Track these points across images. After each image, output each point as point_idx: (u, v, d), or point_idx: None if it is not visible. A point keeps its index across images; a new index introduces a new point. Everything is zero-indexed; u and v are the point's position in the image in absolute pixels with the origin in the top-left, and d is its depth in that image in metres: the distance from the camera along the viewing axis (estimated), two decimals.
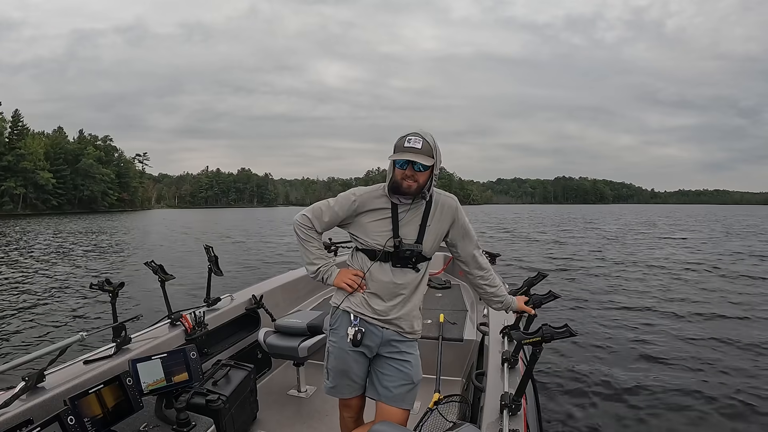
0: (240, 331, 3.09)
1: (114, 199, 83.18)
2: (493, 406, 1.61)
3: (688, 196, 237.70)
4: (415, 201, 1.69)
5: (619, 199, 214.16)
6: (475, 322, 3.38)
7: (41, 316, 6.83)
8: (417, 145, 1.56)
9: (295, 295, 3.87)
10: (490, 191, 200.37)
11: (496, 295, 1.87)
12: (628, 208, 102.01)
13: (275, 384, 3.09)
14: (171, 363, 1.87)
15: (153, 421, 1.82)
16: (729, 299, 7.72)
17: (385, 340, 1.74)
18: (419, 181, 1.60)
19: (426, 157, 1.57)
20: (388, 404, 1.73)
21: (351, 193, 1.73)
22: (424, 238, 1.69)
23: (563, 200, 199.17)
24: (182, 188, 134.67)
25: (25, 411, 1.63)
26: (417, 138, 1.57)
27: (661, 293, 8.26)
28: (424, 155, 1.56)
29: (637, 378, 4.33)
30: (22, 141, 67.59)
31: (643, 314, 6.74)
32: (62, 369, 1.94)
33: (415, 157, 1.55)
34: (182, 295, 6.97)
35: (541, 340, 1.46)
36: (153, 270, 2.46)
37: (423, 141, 1.57)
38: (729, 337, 5.47)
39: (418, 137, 1.58)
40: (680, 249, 15.98)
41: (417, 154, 1.56)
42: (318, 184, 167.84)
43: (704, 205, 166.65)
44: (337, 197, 1.76)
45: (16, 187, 64.30)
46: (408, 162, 1.57)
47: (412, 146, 1.56)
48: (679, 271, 10.66)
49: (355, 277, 1.72)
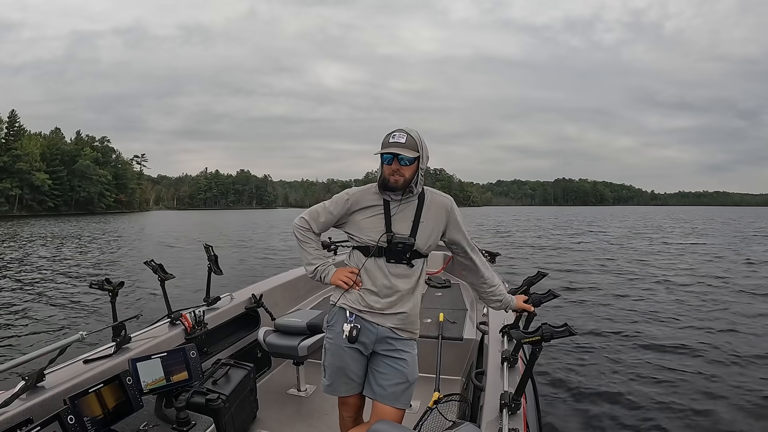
0: (240, 331, 3.09)
1: (111, 200, 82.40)
2: (492, 405, 1.61)
3: (689, 197, 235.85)
4: (404, 196, 1.73)
5: (619, 201, 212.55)
6: (474, 321, 3.38)
7: (41, 316, 6.84)
8: (401, 140, 1.64)
9: (294, 294, 3.88)
10: (490, 193, 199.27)
11: (495, 293, 1.88)
12: (630, 210, 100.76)
13: (275, 383, 3.09)
14: (171, 362, 1.87)
15: (153, 420, 1.82)
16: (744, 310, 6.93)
17: (380, 338, 1.74)
18: (405, 176, 1.65)
19: (410, 150, 1.64)
20: (383, 403, 1.74)
21: (345, 193, 1.80)
22: (418, 234, 1.71)
23: (563, 202, 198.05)
24: (181, 190, 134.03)
25: (25, 410, 1.64)
26: (401, 133, 1.65)
27: (673, 299, 7.93)
28: (408, 149, 1.63)
29: (637, 377, 4.33)
30: (18, 142, 67.00)
31: (644, 315, 6.75)
32: (62, 368, 1.94)
33: (399, 150, 1.62)
34: (182, 295, 6.97)
35: (541, 339, 1.46)
36: (153, 269, 2.46)
37: (407, 136, 1.65)
38: (737, 345, 5.20)
39: (403, 132, 1.65)
40: (701, 257, 13.89)
41: (401, 148, 1.63)
42: (317, 185, 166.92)
43: (705, 207, 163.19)
44: (332, 198, 1.83)
45: (12, 189, 63.81)
46: (393, 156, 1.63)
47: (397, 141, 1.64)
48: (711, 286, 9.03)
49: (350, 275, 1.75)
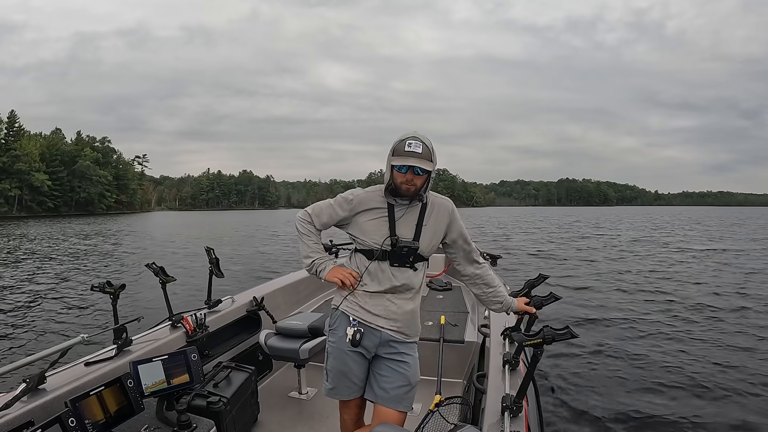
0: (241, 333, 3.09)
1: (111, 201, 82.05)
2: (494, 407, 1.60)
3: (692, 197, 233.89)
4: (411, 202, 1.72)
5: (623, 201, 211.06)
6: (476, 324, 3.37)
7: (42, 318, 6.84)
8: (418, 149, 1.59)
9: (296, 297, 3.87)
10: (493, 193, 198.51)
11: (495, 295, 1.87)
12: (634, 210, 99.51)
13: (276, 386, 3.09)
14: (172, 365, 1.87)
15: (154, 423, 1.81)
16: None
17: (383, 341, 1.74)
18: (418, 185, 1.64)
19: (427, 161, 1.61)
20: (385, 406, 1.73)
21: (349, 193, 1.78)
22: (421, 237, 1.71)
23: (567, 202, 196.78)
24: (183, 190, 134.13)
25: (26, 413, 1.63)
26: (417, 142, 1.60)
27: (677, 301, 7.70)
28: (425, 160, 1.60)
29: (640, 380, 4.32)
30: (18, 142, 66.78)
31: (647, 317, 6.72)
32: (63, 371, 1.94)
33: (417, 162, 1.58)
34: (183, 297, 6.97)
35: (543, 341, 1.45)
36: (154, 272, 2.47)
37: (423, 145, 1.61)
38: (745, 352, 5.01)
39: (419, 141, 1.61)
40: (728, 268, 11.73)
41: (419, 159, 1.59)
42: (320, 186, 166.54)
43: (710, 207, 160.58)
44: (336, 197, 1.81)
45: (11, 189, 63.62)
46: (409, 167, 1.60)
47: (413, 150, 1.59)
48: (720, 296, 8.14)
49: (349, 276, 1.73)
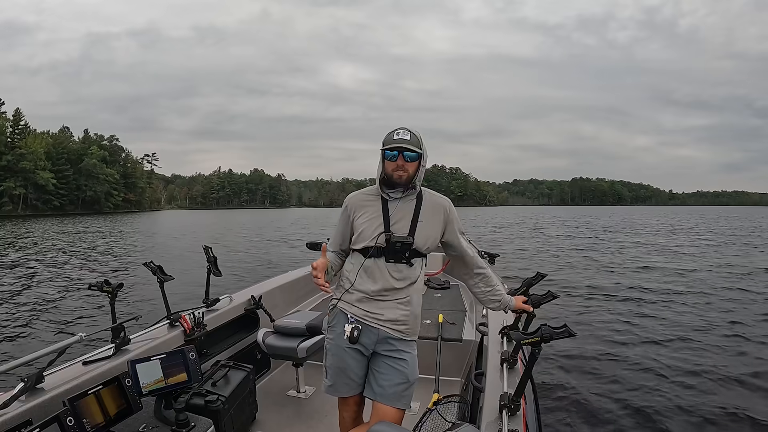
0: (239, 332, 3.09)
1: (119, 199, 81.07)
2: (492, 406, 1.61)
3: (707, 197, 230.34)
4: (405, 193, 1.74)
5: (637, 201, 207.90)
6: (474, 323, 3.38)
7: (40, 317, 6.82)
8: (405, 137, 1.68)
9: (294, 295, 3.87)
10: (506, 192, 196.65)
11: (493, 293, 1.89)
12: (649, 210, 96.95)
13: (274, 384, 3.09)
14: (170, 364, 1.87)
15: (152, 422, 1.82)
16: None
17: (381, 338, 1.75)
18: (409, 171, 1.70)
19: (415, 146, 1.68)
20: (384, 403, 1.74)
21: (345, 200, 1.84)
22: (416, 233, 1.72)
23: (581, 201, 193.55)
24: (194, 189, 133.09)
25: (24, 412, 1.63)
26: (405, 131, 1.70)
27: (679, 301, 7.59)
28: (412, 145, 1.68)
29: (638, 378, 4.33)
30: (23, 140, 66.29)
31: (646, 316, 6.74)
32: (61, 370, 1.94)
33: (405, 144, 1.66)
34: (181, 296, 6.95)
35: (540, 340, 1.46)
36: (152, 271, 2.46)
37: (411, 134, 1.69)
38: (744, 353, 4.98)
39: (406, 130, 1.70)
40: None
41: (406, 144, 1.67)
42: (332, 184, 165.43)
43: (726, 207, 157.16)
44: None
45: (16, 188, 63.06)
46: (398, 151, 1.66)
47: (402, 137, 1.68)
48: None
49: (314, 278, 1.65)
